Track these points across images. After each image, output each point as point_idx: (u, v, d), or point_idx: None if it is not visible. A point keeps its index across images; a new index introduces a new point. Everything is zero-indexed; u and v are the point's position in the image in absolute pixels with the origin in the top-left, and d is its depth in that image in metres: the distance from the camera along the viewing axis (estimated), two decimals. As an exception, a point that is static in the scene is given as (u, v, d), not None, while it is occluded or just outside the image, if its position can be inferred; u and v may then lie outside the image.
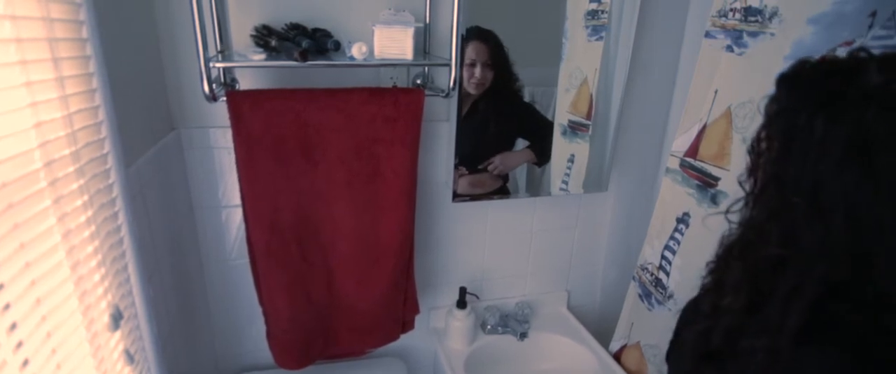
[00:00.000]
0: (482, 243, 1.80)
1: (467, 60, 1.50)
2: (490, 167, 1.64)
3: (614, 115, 1.64)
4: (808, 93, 0.63)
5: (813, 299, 0.60)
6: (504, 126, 1.66)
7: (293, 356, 1.52)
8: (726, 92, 1.23)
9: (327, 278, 1.49)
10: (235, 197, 1.42)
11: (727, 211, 0.72)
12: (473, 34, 1.48)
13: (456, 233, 1.75)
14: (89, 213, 0.84)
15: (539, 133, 1.67)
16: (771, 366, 0.63)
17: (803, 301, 0.60)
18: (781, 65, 1.12)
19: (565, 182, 1.71)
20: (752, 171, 0.69)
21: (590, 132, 1.65)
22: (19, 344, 0.65)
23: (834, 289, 0.60)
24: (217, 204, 1.49)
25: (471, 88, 1.53)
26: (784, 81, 0.67)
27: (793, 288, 0.61)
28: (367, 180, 1.40)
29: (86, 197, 0.83)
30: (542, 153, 1.70)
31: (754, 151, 0.68)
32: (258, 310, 1.51)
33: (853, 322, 0.59)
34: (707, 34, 1.28)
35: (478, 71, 1.52)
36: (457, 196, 1.61)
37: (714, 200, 1.27)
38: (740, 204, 0.71)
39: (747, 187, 0.70)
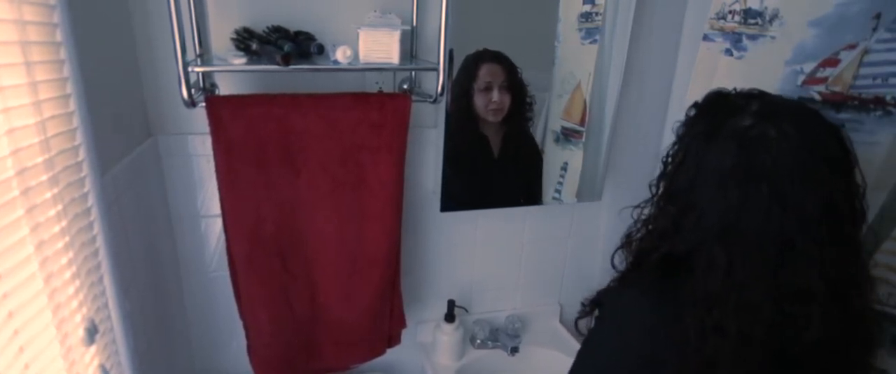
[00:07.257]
0: (471, 254, 1.81)
1: (481, 85, 1.49)
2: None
3: (609, 121, 1.65)
4: (702, 122, 0.84)
5: (657, 263, 0.85)
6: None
7: (275, 371, 1.52)
8: (724, 97, 1.25)
9: (310, 291, 1.49)
10: (215, 206, 1.42)
11: (638, 206, 0.94)
12: (485, 56, 1.47)
13: (444, 244, 1.76)
14: (63, 223, 0.85)
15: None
16: (609, 296, 0.93)
17: (650, 265, 0.86)
18: (782, 69, 1.14)
19: (558, 191, 1.73)
20: (659, 177, 0.90)
21: (583, 139, 1.66)
22: (-9, 359, 0.66)
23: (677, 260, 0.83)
24: (196, 214, 1.50)
25: (489, 116, 1.52)
26: (693, 108, 0.88)
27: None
28: (352, 189, 1.41)
29: (60, 207, 0.84)
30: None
31: (664, 162, 0.89)
32: (239, 324, 1.51)
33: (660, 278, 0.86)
34: (705, 37, 1.29)
35: (495, 95, 1.50)
36: (445, 205, 1.61)
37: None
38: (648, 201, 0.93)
39: (653, 189, 0.91)
